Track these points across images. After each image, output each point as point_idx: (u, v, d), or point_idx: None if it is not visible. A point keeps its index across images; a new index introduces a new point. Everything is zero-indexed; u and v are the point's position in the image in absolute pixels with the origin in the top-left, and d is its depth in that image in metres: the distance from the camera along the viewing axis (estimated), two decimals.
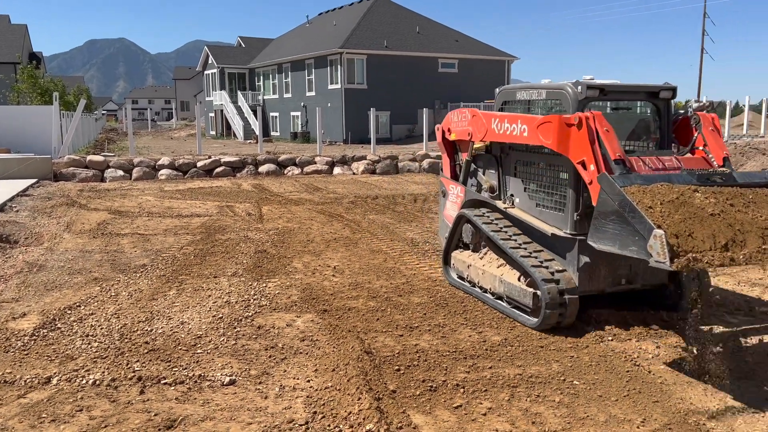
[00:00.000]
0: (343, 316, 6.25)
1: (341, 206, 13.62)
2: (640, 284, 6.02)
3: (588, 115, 5.30)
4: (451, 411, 4.27)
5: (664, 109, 6.14)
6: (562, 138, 5.45)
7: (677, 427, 4.06)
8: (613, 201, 4.56)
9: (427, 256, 8.88)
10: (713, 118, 5.81)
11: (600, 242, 4.75)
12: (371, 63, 34.58)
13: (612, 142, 5.18)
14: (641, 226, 4.27)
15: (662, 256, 4.08)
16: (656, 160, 5.52)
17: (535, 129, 5.77)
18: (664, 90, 6.05)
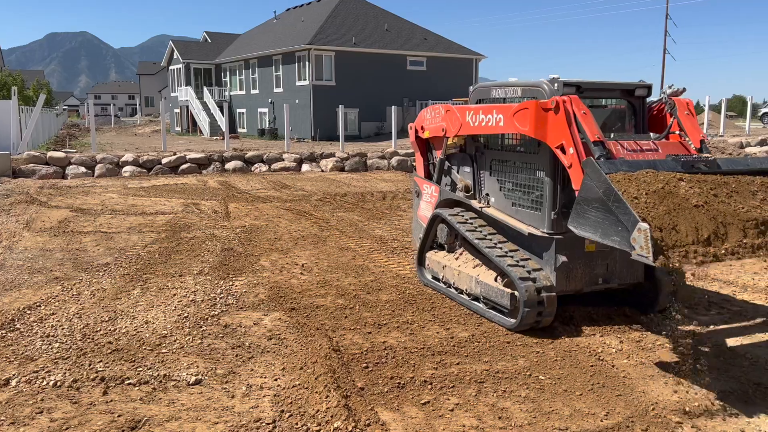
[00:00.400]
0: (311, 314, 6.23)
1: (309, 204, 13.56)
2: (617, 283, 6.02)
3: (565, 99, 5.23)
4: (419, 407, 4.29)
5: (639, 107, 6.18)
6: (539, 123, 5.37)
7: (639, 419, 4.15)
8: (597, 188, 4.46)
9: (395, 253, 8.89)
10: (688, 103, 5.84)
11: (581, 228, 4.65)
12: (340, 60, 34.45)
13: (590, 125, 5.11)
14: (626, 217, 4.18)
15: (645, 251, 4.02)
16: (634, 143, 5.48)
17: (511, 117, 5.70)
18: (640, 88, 6.09)
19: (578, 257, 5.76)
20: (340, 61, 34.50)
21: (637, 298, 6.32)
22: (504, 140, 6.47)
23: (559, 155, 5.26)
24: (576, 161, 5.03)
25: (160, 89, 73.64)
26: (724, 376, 4.83)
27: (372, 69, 35.09)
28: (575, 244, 5.71)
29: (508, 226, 6.14)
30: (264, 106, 38.56)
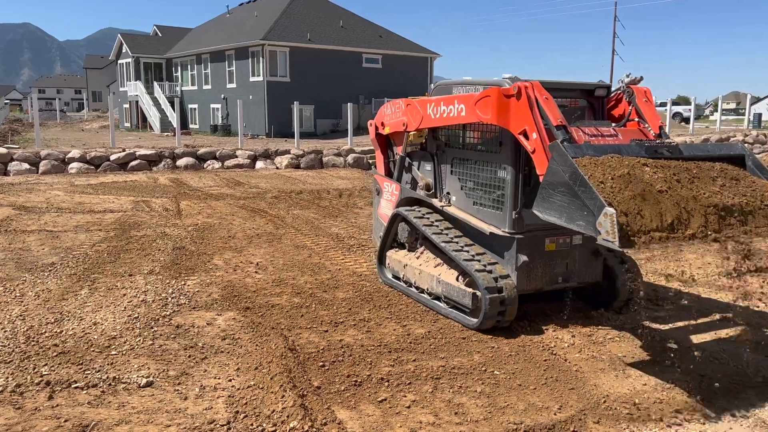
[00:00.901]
0: (266, 313, 6.14)
1: (264, 201, 13.40)
2: (576, 282, 6.11)
3: (527, 84, 5.24)
4: (376, 405, 4.29)
5: (598, 107, 6.26)
6: (501, 110, 5.35)
7: (591, 412, 4.24)
8: (563, 172, 4.45)
9: (352, 251, 8.86)
10: (645, 91, 5.93)
11: (546, 212, 4.64)
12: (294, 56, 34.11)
13: (552, 110, 5.12)
14: (592, 202, 4.19)
15: (611, 235, 4.03)
16: (594, 129, 5.54)
17: (473, 106, 5.67)
18: (599, 88, 6.19)
19: (539, 256, 5.80)
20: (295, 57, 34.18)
21: (596, 296, 6.42)
22: (465, 139, 6.45)
23: (522, 141, 5.23)
24: (539, 146, 5.03)
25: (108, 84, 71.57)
26: (672, 367, 4.98)
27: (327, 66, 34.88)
28: (536, 244, 5.77)
29: (470, 225, 6.12)
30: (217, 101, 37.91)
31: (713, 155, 5.11)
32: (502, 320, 5.68)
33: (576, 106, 6.33)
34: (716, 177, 4.78)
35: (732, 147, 5.44)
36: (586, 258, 6.06)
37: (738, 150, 5.30)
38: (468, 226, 6.17)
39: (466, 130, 6.34)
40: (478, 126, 6.12)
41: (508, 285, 5.63)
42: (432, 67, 39.94)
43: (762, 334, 5.74)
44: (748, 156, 5.19)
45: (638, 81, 6.02)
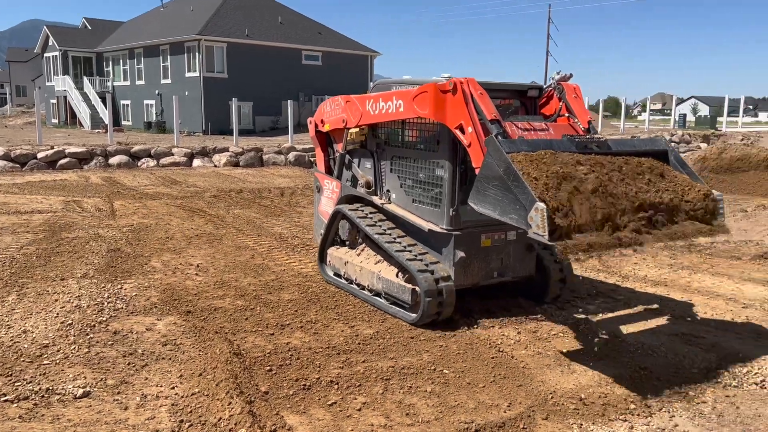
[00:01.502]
0: (208, 317, 5.96)
1: (203, 200, 13.05)
2: (511, 276, 6.26)
3: (462, 80, 5.40)
4: (326, 409, 4.21)
5: (530, 106, 6.44)
6: (438, 105, 5.49)
7: (539, 408, 4.29)
8: (498, 167, 4.59)
9: (296, 251, 8.72)
10: (575, 87, 6.16)
11: (480, 205, 4.78)
12: (232, 51, 33.42)
13: (487, 105, 5.28)
14: (524, 196, 4.33)
15: (541, 229, 4.18)
16: (527, 124, 5.72)
17: (411, 102, 5.79)
18: (532, 89, 6.38)
19: (475, 252, 5.94)
20: (233, 53, 33.49)
21: (530, 289, 6.62)
22: (404, 137, 6.51)
23: (458, 135, 5.38)
24: (475, 140, 5.17)
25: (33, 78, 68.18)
26: (614, 362, 5.11)
27: (266, 62, 34.35)
28: (472, 240, 5.91)
29: (409, 222, 6.22)
30: (151, 97, 36.73)
31: (639, 150, 5.38)
32: (440, 314, 5.77)
33: (509, 104, 6.49)
34: (643, 173, 5.00)
35: (656, 142, 5.72)
36: (520, 253, 6.23)
37: (661, 145, 5.58)
38: (407, 223, 6.25)
39: (406, 128, 6.41)
40: (417, 125, 6.23)
41: (445, 281, 5.74)
42: (372, 65, 39.98)
43: (693, 326, 5.97)
44: (671, 151, 5.48)
45: (568, 78, 6.26)
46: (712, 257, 8.82)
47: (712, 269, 8.11)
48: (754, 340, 5.59)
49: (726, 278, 7.67)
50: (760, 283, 7.46)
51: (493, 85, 6.06)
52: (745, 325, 6.02)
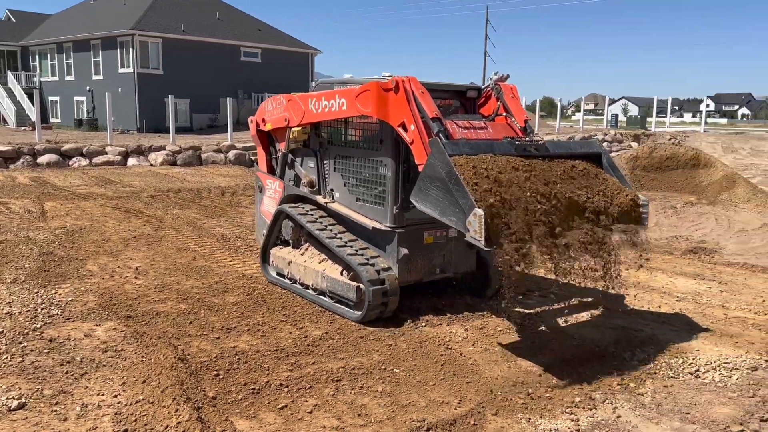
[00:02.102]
0: (150, 321, 5.77)
1: (140, 201, 12.64)
2: (452, 272, 6.39)
3: (404, 79, 5.49)
4: (277, 412, 4.15)
5: (470, 107, 6.56)
6: (381, 103, 5.56)
7: (489, 404, 4.36)
8: (440, 169, 4.69)
9: (240, 252, 8.56)
10: (512, 88, 6.34)
11: (422, 203, 4.88)
12: (167, 47, 32.47)
13: (428, 103, 5.39)
14: (464, 201, 4.46)
15: (478, 234, 4.33)
16: (467, 122, 5.86)
17: (353, 100, 5.83)
18: (471, 89, 6.53)
19: (418, 249, 6.03)
20: (168, 48, 32.55)
21: (472, 285, 6.76)
22: (347, 136, 6.52)
23: (401, 133, 5.46)
24: (417, 137, 5.27)
25: None
26: (557, 356, 5.24)
27: (204, 58, 33.54)
28: (415, 237, 6.00)
29: (353, 220, 6.25)
30: (81, 94, 35.28)
31: (575, 153, 5.61)
32: (385, 311, 5.83)
33: (450, 104, 6.60)
34: (577, 177, 5.24)
35: (590, 145, 6.00)
36: (461, 249, 6.36)
37: (596, 148, 5.84)
38: (351, 221, 6.28)
39: (349, 127, 6.41)
40: (360, 123, 6.26)
41: (389, 277, 5.80)
42: (313, 63, 39.67)
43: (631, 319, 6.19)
44: (604, 154, 5.74)
45: (505, 78, 6.43)
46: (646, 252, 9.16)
47: (647, 264, 8.42)
48: (687, 332, 5.84)
49: (660, 272, 8.00)
50: (691, 276, 7.82)
51: (433, 86, 6.17)
52: (679, 316, 6.29)
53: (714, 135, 33.95)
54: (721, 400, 4.49)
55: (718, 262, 8.65)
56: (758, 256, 9.11)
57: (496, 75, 6.45)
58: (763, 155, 27.91)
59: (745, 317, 6.27)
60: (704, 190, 15.70)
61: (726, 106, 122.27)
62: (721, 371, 4.96)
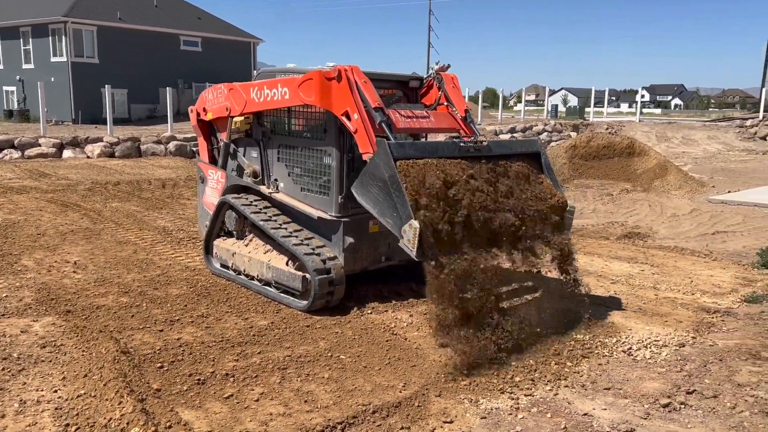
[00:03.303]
0: (91, 315, 5.65)
1: (77, 194, 12.24)
2: (398, 260, 6.45)
3: (347, 68, 5.51)
4: (223, 402, 4.15)
5: (412, 96, 6.65)
6: (324, 92, 5.57)
7: (433, 387, 4.47)
8: (384, 171, 4.78)
9: (182, 244, 8.43)
10: (453, 77, 6.46)
11: (362, 198, 4.98)
12: (103, 35, 31.36)
13: (371, 92, 5.45)
14: (402, 209, 4.62)
15: (411, 245, 4.55)
16: (410, 111, 5.96)
17: (296, 89, 5.81)
18: (413, 79, 6.61)
19: (363, 238, 6.10)
20: (104, 37, 31.45)
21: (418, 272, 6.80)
22: (291, 126, 6.51)
23: (345, 122, 5.51)
24: (361, 126, 5.33)
25: None
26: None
27: (141, 47, 32.57)
28: (361, 226, 6.06)
29: (298, 210, 6.25)
30: (11, 83, 33.72)
31: (516, 153, 5.82)
32: (331, 300, 5.88)
33: (392, 94, 6.69)
34: (517, 177, 5.53)
35: (531, 144, 6.22)
36: None
37: (535, 147, 6.06)
38: (296, 211, 6.29)
39: (292, 117, 6.40)
40: (304, 113, 6.26)
41: (335, 266, 5.85)
42: (255, 52, 39.08)
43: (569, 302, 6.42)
44: (543, 153, 5.97)
45: (446, 68, 6.57)
46: (584, 238, 9.51)
47: (584, 249, 8.75)
48: (621, 313, 6.12)
49: (596, 257, 8.32)
50: (625, 260, 8.16)
51: (376, 75, 6.23)
52: (614, 298, 6.57)
53: (648, 125, 35.26)
54: (651, 375, 4.74)
55: (651, 246, 9.06)
56: (687, 239, 9.59)
57: (437, 65, 6.56)
58: (693, 144, 29.22)
59: (675, 297, 6.61)
60: (639, 177, 16.35)
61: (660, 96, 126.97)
62: (651, 348, 5.23)
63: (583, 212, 12.00)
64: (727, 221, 10.95)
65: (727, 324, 5.82)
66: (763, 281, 7.13)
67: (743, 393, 4.38)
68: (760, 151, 26.40)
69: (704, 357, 5.03)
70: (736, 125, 32.86)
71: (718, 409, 4.17)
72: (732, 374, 4.69)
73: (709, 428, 3.95)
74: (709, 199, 13.34)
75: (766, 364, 4.85)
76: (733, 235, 9.81)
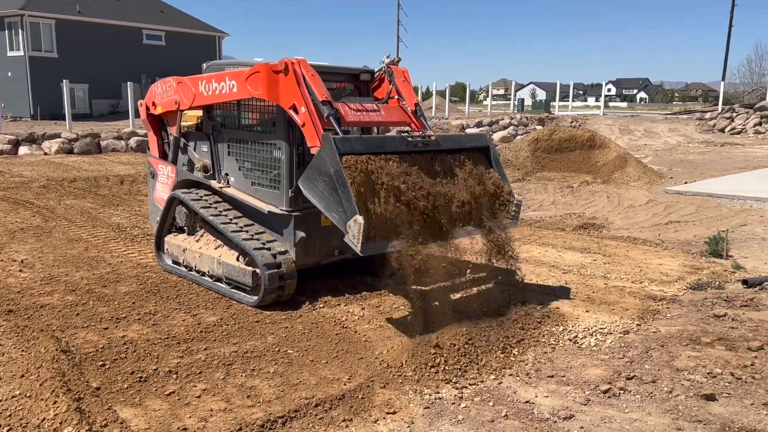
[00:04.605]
0: (33, 315, 5.53)
1: (30, 191, 11.97)
2: (352, 254, 6.41)
3: (293, 61, 5.48)
4: (164, 399, 4.10)
5: (364, 90, 6.64)
6: (271, 86, 5.54)
7: (378, 378, 4.48)
8: (330, 166, 4.77)
9: (136, 241, 8.30)
10: (403, 71, 6.46)
11: (309, 192, 4.96)
12: (62, 29, 30.70)
13: (318, 86, 5.41)
14: (347, 204, 4.61)
15: (356, 240, 4.54)
16: (359, 105, 5.93)
17: (244, 82, 5.77)
18: (364, 73, 6.59)
19: (315, 232, 6.06)
20: (63, 30, 30.78)
21: (371, 265, 6.81)
22: (241, 119, 6.45)
23: (292, 116, 5.48)
24: (308, 119, 5.30)
25: None
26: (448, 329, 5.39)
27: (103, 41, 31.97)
28: (312, 220, 6.02)
29: (249, 205, 6.20)
30: None
31: (464, 147, 5.85)
32: (282, 295, 5.84)
33: (344, 87, 6.67)
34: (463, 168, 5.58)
35: (480, 139, 6.25)
36: None
37: (484, 142, 6.10)
38: (247, 206, 6.24)
39: (242, 110, 6.34)
40: (253, 107, 6.21)
41: (286, 261, 5.81)
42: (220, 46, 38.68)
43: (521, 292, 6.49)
44: (492, 148, 6.02)
45: (397, 62, 6.58)
46: (541, 229, 9.63)
47: (540, 240, 8.86)
48: (570, 302, 6.20)
49: (551, 247, 8.42)
50: (578, 251, 8.28)
51: (326, 68, 6.22)
52: (564, 288, 6.66)
53: (612, 118, 35.83)
54: (594, 362, 4.82)
55: (605, 236, 9.21)
56: (641, 229, 9.77)
57: (388, 58, 6.55)
58: (654, 136, 29.79)
59: (623, 286, 6.72)
60: (599, 169, 16.59)
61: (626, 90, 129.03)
62: (596, 336, 5.31)
63: (542, 204, 12.15)
64: (681, 211, 11.18)
65: (671, 311, 5.95)
66: (709, 269, 7.30)
67: (680, 377, 4.48)
68: (718, 142, 27.05)
69: (647, 343, 5.13)
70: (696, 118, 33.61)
71: (656, 394, 4.26)
72: (672, 359, 4.79)
73: (645, 412, 4.04)
74: (665, 190, 13.61)
75: (705, 349, 4.97)
76: (686, 225, 10.03)
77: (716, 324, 5.50)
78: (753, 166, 18.63)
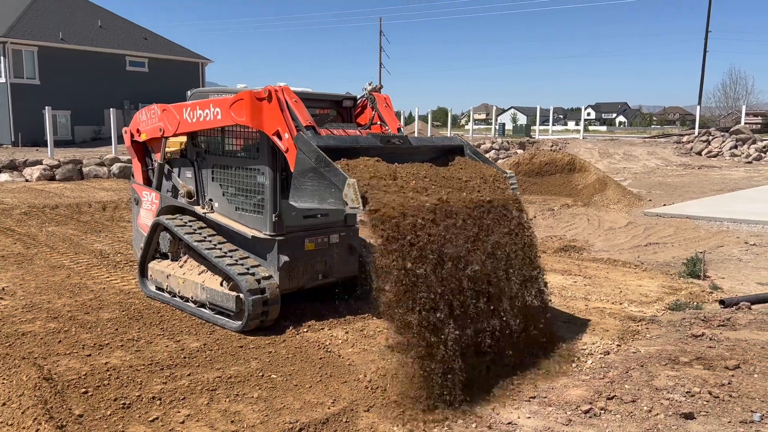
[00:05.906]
0: (14, 342, 5.49)
1: (11, 218, 11.88)
2: (335, 277, 6.50)
3: (276, 88, 5.58)
4: (147, 425, 4.09)
5: (346, 116, 6.76)
6: (255, 113, 5.61)
7: (362, 402, 4.50)
8: (309, 158, 4.84)
9: (119, 267, 8.27)
10: (386, 98, 6.61)
11: (300, 200, 5.00)
12: (45, 56, 30.66)
13: (302, 111, 5.51)
14: (336, 177, 4.63)
15: (356, 202, 4.47)
16: (342, 131, 6.06)
17: (228, 109, 5.84)
18: (346, 99, 6.71)
19: (299, 256, 6.11)
20: (46, 57, 30.75)
21: (355, 289, 6.87)
22: (225, 145, 6.51)
23: (276, 142, 5.55)
24: (292, 146, 5.34)
25: None
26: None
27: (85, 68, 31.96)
28: (296, 245, 6.09)
29: (233, 230, 6.23)
30: None
31: (438, 145, 5.99)
32: (266, 320, 5.86)
33: (326, 114, 6.78)
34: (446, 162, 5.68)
35: (453, 140, 6.38)
36: (343, 255, 6.54)
37: (458, 142, 6.23)
38: (232, 231, 6.27)
39: (226, 137, 6.41)
40: (238, 133, 6.29)
41: (270, 285, 5.83)
42: (204, 72, 38.81)
43: None
44: (466, 145, 6.13)
45: (379, 89, 6.72)
46: None
47: None
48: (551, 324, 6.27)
49: None
50: (559, 272, 8.39)
51: (309, 95, 6.33)
52: None
53: (592, 141, 36.38)
54: (575, 383, 4.88)
55: (586, 258, 9.34)
56: (621, 251, 9.92)
57: (370, 85, 6.68)
58: (633, 159, 30.27)
59: (603, 307, 6.83)
60: (579, 192, 16.84)
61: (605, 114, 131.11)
62: (578, 357, 5.39)
63: None
64: (660, 233, 11.37)
65: (650, 331, 6.05)
66: (687, 289, 7.44)
67: (660, 397, 4.55)
68: (696, 165, 27.56)
69: (627, 363, 5.21)
70: (674, 141, 34.22)
71: (636, 413, 4.33)
72: (651, 379, 4.87)
73: (625, 431, 4.10)
74: (645, 213, 13.84)
75: (684, 368, 5.06)
76: (665, 246, 10.20)
77: (694, 343, 5.60)
78: (729, 188, 19.01)
